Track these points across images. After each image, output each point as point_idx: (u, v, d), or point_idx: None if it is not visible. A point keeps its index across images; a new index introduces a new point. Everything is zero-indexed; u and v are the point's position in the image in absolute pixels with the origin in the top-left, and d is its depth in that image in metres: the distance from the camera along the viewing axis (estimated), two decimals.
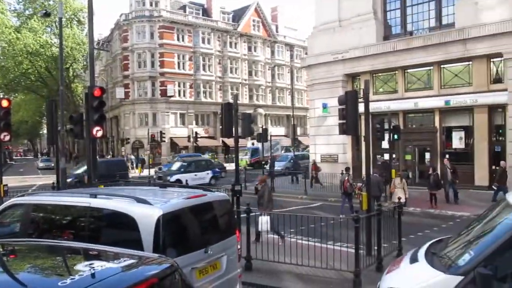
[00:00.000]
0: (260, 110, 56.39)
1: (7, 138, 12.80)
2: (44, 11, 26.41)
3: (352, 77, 24.24)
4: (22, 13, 44.56)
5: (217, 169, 27.94)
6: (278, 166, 31.73)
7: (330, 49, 23.96)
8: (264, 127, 32.76)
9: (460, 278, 3.75)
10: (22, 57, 41.25)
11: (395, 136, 18.24)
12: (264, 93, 58.66)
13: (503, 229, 3.94)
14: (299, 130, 55.92)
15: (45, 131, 73.92)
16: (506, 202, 4.33)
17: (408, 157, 22.42)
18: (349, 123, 9.66)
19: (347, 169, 17.33)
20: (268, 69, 59.31)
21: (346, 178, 15.80)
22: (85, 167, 23.81)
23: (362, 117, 10.13)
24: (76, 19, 45.29)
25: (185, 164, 26.88)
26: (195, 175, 24.96)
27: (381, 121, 18.09)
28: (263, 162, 32.89)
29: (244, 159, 39.14)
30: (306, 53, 34.70)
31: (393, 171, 17.69)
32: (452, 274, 3.85)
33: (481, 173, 19.56)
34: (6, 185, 13.52)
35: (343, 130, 10.02)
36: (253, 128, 16.21)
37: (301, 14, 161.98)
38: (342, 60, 23.55)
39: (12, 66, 41.91)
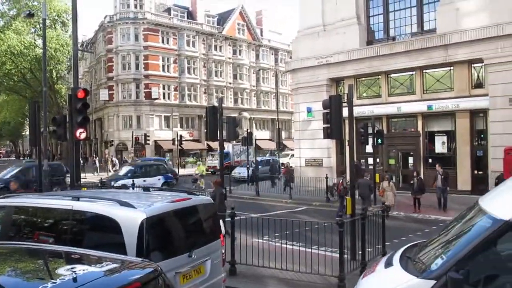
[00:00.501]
0: (245, 114, 56.42)
1: None
2: (28, 12, 25.99)
3: (336, 81, 24.44)
4: (6, 14, 43.86)
5: (169, 175, 26.11)
6: (239, 172, 31.14)
7: (314, 53, 24.13)
8: (249, 130, 32.72)
9: (432, 282, 3.78)
10: (5, 58, 40.59)
11: (379, 141, 18.44)
12: (249, 97, 58.72)
13: (475, 233, 3.99)
14: (284, 134, 56.08)
15: (27, 132, 72.67)
16: (478, 206, 4.39)
17: (392, 161, 22.67)
18: (333, 127, 9.74)
19: (342, 172, 17.42)
20: (253, 73, 59.43)
21: (341, 181, 15.89)
22: (15, 171, 22.12)
23: (346, 121, 10.19)
24: (60, 21, 44.75)
25: (133, 168, 25.05)
26: (144, 180, 22.61)
27: (364, 126, 18.28)
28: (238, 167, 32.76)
29: (212, 163, 38.42)
30: (290, 57, 34.96)
31: (377, 175, 17.87)
32: (425, 279, 3.88)
33: (463, 178, 19.88)
34: None
35: (327, 134, 10.09)
36: (238, 132, 16.25)
37: (285, 18, 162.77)
38: (327, 64, 23.73)
39: None
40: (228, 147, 39.63)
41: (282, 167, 27.51)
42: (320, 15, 24.50)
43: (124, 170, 25.56)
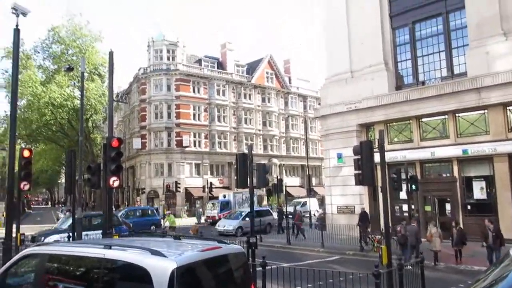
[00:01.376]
0: (275, 160, 56.47)
1: (27, 187, 12.99)
2: (68, 66, 27.49)
3: (366, 126, 24.28)
4: (48, 69, 46.57)
5: (123, 227, 22.86)
6: (223, 225, 27.79)
7: (343, 99, 24.22)
8: (278, 177, 32.53)
9: None
10: (46, 109, 42.62)
11: (413, 187, 17.96)
12: (278, 143, 58.98)
13: (507, 284, 3.77)
14: (314, 180, 55.53)
15: (63, 180, 74.76)
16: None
17: (428, 208, 21.85)
18: (365, 173, 9.58)
19: (402, 219, 16.86)
20: (282, 120, 59.99)
21: (399, 228, 15.45)
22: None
23: (378, 167, 10.01)
24: (97, 73, 46.97)
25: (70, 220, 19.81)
26: (86, 234, 18.67)
27: (397, 171, 17.90)
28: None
29: (211, 213, 37.07)
30: (319, 104, 35.24)
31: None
32: None
33: (506, 224, 18.77)
34: (23, 234, 13.53)
35: (359, 181, 9.92)
36: (267, 179, 16.20)
37: (313, 66, 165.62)
38: (356, 110, 23.71)
39: (36, 118, 43.31)
40: (229, 195, 39.03)
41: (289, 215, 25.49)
42: (347, 62, 24.80)
43: (66, 222, 21.74)
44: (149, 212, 33.83)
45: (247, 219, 25.61)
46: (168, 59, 50.87)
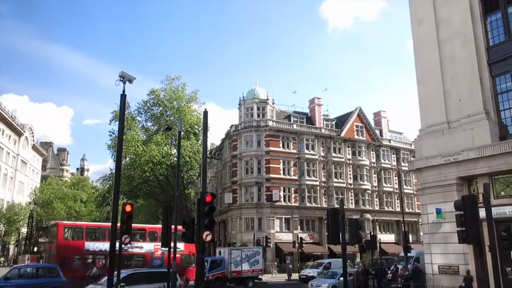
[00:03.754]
0: (367, 216, 54.22)
1: (127, 240, 13.85)
2: (167, 126, 29.88)
3: (468, 180, 22.54)
4: (149, 129, 50.84)
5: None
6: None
7: (439, 151, 22.94)
8: (372, 233, 31.02)
9: None
10: (147, 167, 46.00)
11: None
12: (371, 198, 56.81)
13: None
14: (411, 237, 52.03)
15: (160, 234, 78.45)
16: None
17: None
18: (469, 230, 8.84)
19: None
20: (374, 173, 58.08)
21: None
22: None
23: (484, 223, 9.17)
24: (192, 131, 50.08)
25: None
26: None
27: (507, 228, 16.12)
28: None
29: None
30: (413, 156, 33.73)
31: None
32: None
33: None
34: (123, 285, 14.26)
35: (462, 239, 9.15)
36: (361, 235, 15.56)
37: (405, 117, 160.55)
38: (455, 162, 22.24)
39: (138, 174, 46.87)
40: (224, 252, 33.58)
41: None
42: (443, 113, 23.70)
43: None
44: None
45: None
46: (258, 116, 52.76)
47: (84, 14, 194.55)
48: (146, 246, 31.37)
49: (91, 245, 29.11)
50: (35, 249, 64.40)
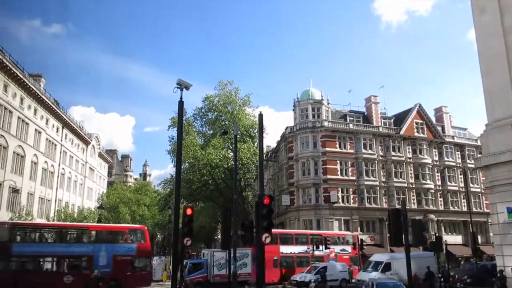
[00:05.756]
0: (431, 216, 51.95)
1: (189, 243, 14.24)
2: (223, 130, 30.42)
3: None
4: (206, 133, 52.00)
5: None
6: None
7: (508, 146, 21.59)
8: (437, 234, 29.71)
9: None
10: (205, 170, 47.07)
11: None
12: (434, 197, 54.39)
13: None
14: (480, 238, 49.27)
15: (219, 236, 79.86)
16: None
17: None
18: None
19: None
20: (437, 172, 55.57)
21: None
22: None
23: None
24: (248, 134, 50.54)
25: None
26: None
27: None
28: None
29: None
30: (479, 153, 31.88)
31: None
32: None
33: None
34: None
35: None
36: (425, 236, 14.96)
37: (469, 112, 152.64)
38: None
39: (197, 178, 48.08)
40: (206, 254, 31.20)
41: None
42: (511, 106, 22.30)
43: None
44: None
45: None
46: (314, 116, 52.29)
47: (146, 30, 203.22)
48: None
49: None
50: None
